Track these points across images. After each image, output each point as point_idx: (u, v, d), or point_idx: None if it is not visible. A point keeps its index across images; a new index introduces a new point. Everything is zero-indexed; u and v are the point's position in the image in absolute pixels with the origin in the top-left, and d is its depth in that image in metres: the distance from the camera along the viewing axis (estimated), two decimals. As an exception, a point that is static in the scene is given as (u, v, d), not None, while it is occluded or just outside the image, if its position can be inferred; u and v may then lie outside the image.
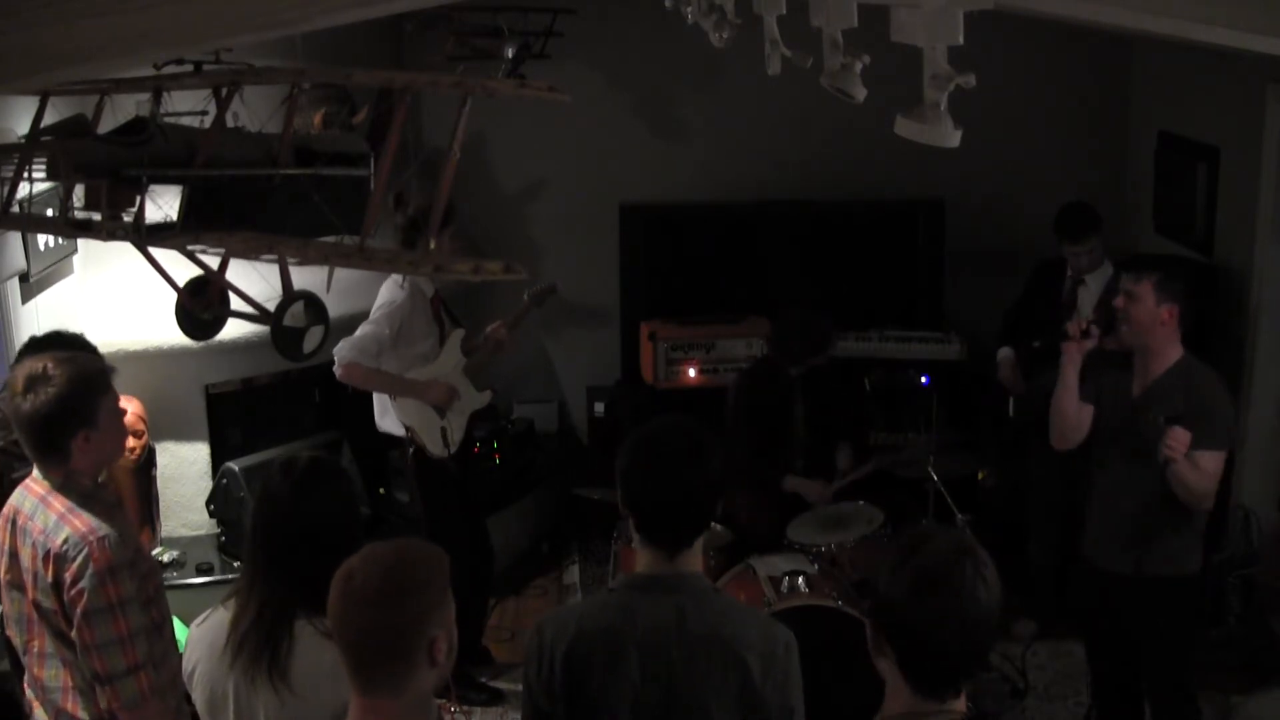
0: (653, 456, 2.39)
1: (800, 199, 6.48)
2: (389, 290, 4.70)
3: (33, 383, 2.71)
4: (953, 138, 1.88)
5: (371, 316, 4.67)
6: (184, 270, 4.00)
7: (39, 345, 3.64)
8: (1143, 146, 6.34)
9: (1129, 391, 3.77)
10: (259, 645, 2.38)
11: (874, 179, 6.38)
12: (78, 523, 2.72)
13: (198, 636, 2.54)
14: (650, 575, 2.38)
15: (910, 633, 1.91)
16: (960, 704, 1.94)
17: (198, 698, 2.51)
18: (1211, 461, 3.61)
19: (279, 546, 2.42)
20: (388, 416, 4.84)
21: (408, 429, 4.74)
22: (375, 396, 4.89)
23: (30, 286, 4.36)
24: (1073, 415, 3.85)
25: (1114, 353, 3.81)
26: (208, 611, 2.56)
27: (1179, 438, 3.49)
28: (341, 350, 4.53)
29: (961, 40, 1.81)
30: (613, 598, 2.42)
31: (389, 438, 4.96)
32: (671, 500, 2.36)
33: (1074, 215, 5.02)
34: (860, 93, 2.25)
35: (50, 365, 2.73)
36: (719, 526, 4.80)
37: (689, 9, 3.95)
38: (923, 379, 5.97)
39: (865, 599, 4.19)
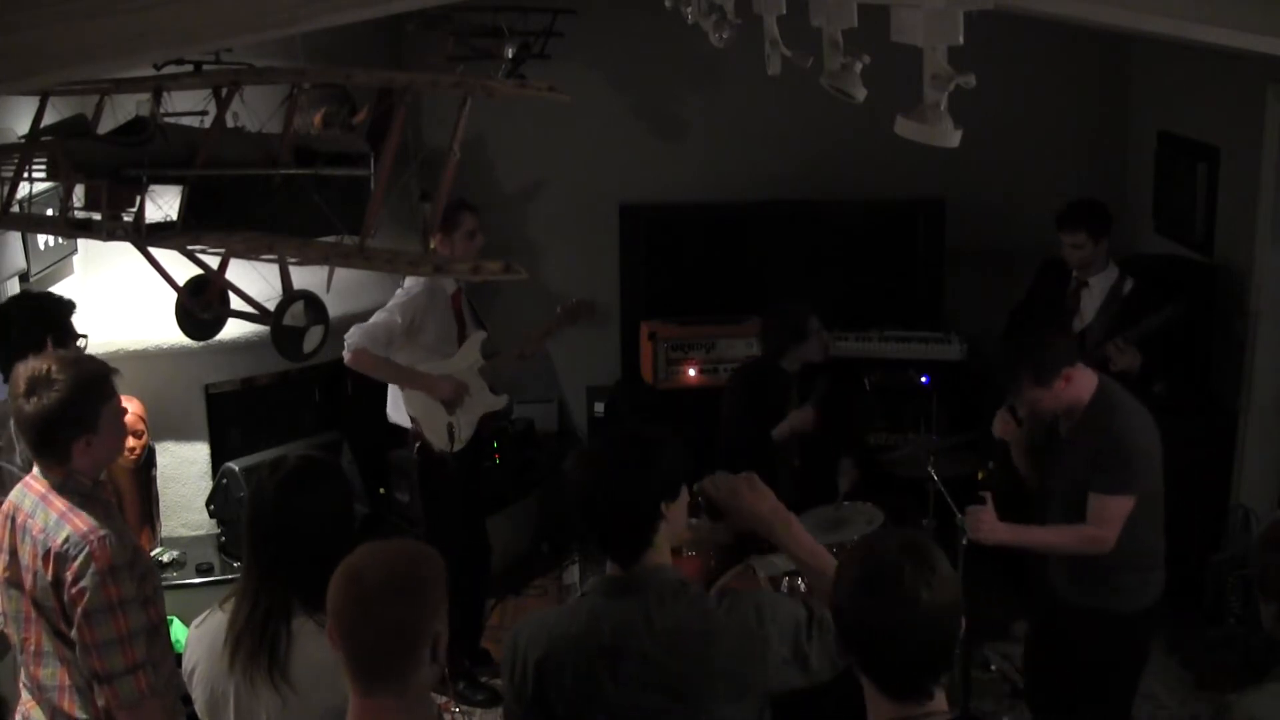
0: (589, 477, 2.38)
1: (800, 199, 6.47)
2: (410, 282, 4.72)
3: (35, 385, 2.71)
4: (953, 138, 1.88)
5: (387, 306, 4.69)
6: (184, 270, 4.01)
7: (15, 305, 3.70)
8: (1143, 146, 6.34)
9: (1058, 431, 3.73)
10: (256, 644, 2.38)
11: (874, 179, 6.38)
12: (78, 522, 2.72)
13: (196, 638, 2.54)
14: (616, 577, 2.38)
15: (855, 632, 1.93)
16: (939, 704, 1.94)
17: (198, 699, 2.51)
18: (1107, 506, 3.49)
19: (270, 545, 2.43)
20: (397, 408, 4.85)
21: (412, 420, 4.75)
22: (389, 389, 4.90)
23: (30, 286, 4.36)
24: (1027, 466, 3.92)
25: None
26: (205, 613, 2.56)
27: (974, 517, 3.57)
28: (351, 336, 4.55)
29: (961, 40, 1.81)
30: (583, 603, 2.41)
31: (396, 432, 4.97)
32: (612, 517, 2.36)
33: (1071, 207, 5.01)
34: (860, 93, 2.25)
35: (54, 368, 2.73)
36: (719, 526, 4.80)
37: (689, 9, 3.94)
38: (923, 379, 5.97)
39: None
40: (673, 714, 2.30)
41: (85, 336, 3.70)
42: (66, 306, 3.68)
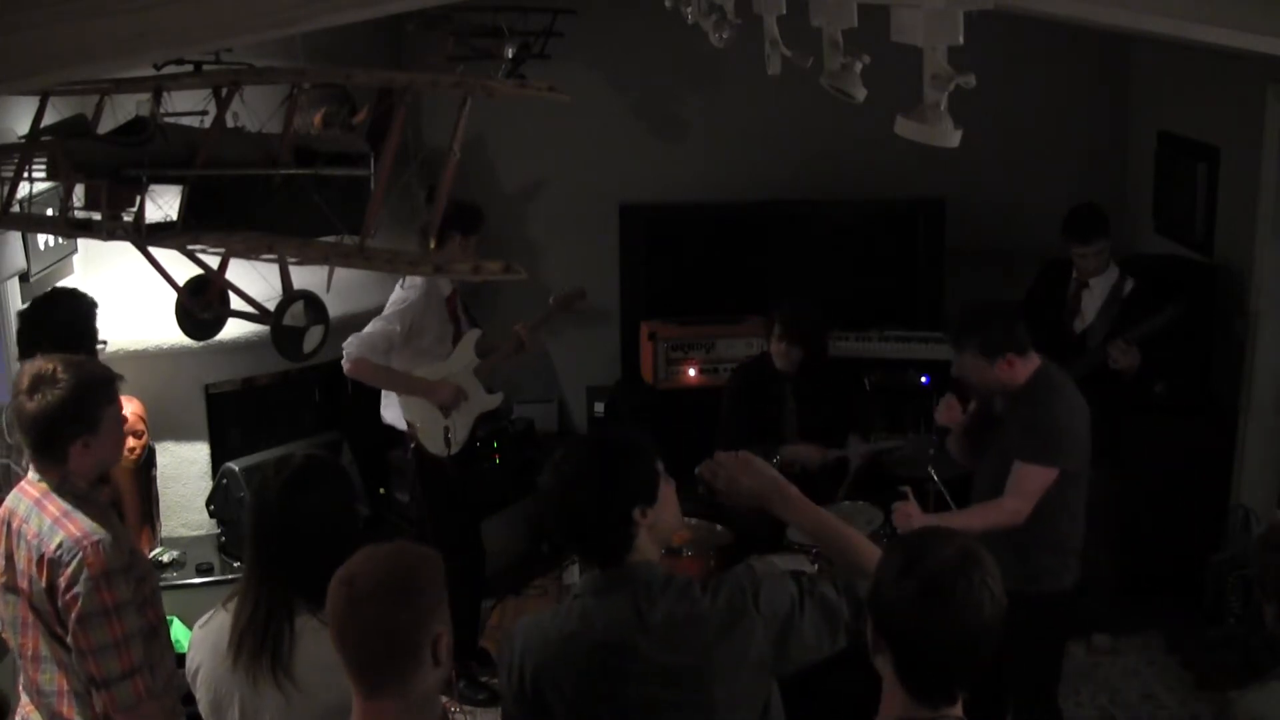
0: (556, 489, 2.37)
1: (800, 199, 6.47)
2: (398, 291, 4.71)
3: (38, 383, 2.73)
4: (953, 138, 1.88)
5: (384, 312, 4.68)
6: (184, 270, 4.00)
7: (42, 304, 3.80)
8: (1143, 146, 6.34)
9: (991, 409, 3.81)
10: (259, 643, 2.38)
11: (874, 179, 6.38)
12: (72, 527, 2.72)
13: (200, 639, 2.54)
14: (602, 575, 2.39)
15: (910, 639, 1.90)
16: (956, 710, 1.93)
17: (201, 699, 2.51)
18: (1028, 476, 3.58)
19: (273, 545, 2.43)
20: (391, 408, 4.85)
21: (409, 425, 4.75)
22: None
23: (30, 286, 4.36)
24: (963, 452, 4.04)
25: None
26: (209, 613, 2.56)
27: (902, 513, 3.67)
28: (350, 346, 4.54)
29: (961, 40, 1.81)
30: (575, 604, 2.42)
31: (390, 431, 4.97)
32: (582, 528, 2.37)
33: (1083, 216, 5.00)
34: (860, 93, 2.25)
35: (59, 368, 2.75)
36: (719, 526, 4.80)
37: (689, 9, 3.94)
38: (923, 379, 5.96)
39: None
40: (674, 704, 2.30)
41: (104, 342, 3.72)
42: (89, 304, 3.84)
